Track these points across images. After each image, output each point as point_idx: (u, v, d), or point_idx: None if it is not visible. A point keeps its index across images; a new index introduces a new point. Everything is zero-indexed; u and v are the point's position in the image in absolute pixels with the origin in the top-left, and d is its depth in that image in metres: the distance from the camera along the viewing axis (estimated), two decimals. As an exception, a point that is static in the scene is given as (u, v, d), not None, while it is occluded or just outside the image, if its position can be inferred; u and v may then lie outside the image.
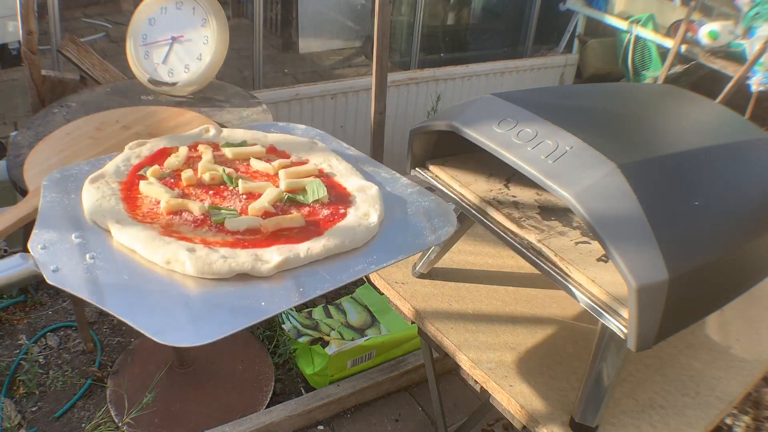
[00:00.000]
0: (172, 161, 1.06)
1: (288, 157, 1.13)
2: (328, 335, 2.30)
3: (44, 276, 0.83)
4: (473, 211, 1.18)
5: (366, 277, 1.39)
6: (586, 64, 3.92)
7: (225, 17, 1.75)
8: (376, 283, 1.37)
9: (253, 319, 0.78)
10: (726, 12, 3.37)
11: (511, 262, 1.46)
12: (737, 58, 3.12)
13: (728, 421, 2.11)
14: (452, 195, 1.23)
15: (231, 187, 1.02)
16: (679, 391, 1.16)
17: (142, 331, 0.75)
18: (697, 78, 3.58)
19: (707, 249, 0.95)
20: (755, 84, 3.02)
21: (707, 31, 3.17)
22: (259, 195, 1.00)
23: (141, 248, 0.87)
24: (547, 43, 3.99)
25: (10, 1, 2.28)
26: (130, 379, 2.15)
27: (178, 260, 0.84)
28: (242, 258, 0.84)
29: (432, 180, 1.28)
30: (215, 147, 1.14)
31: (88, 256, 0.86)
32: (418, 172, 1.31)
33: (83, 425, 2.01)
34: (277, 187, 1.02)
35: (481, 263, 1.46)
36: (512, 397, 1.11)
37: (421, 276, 1.39)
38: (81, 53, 2.06)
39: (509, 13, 4.06)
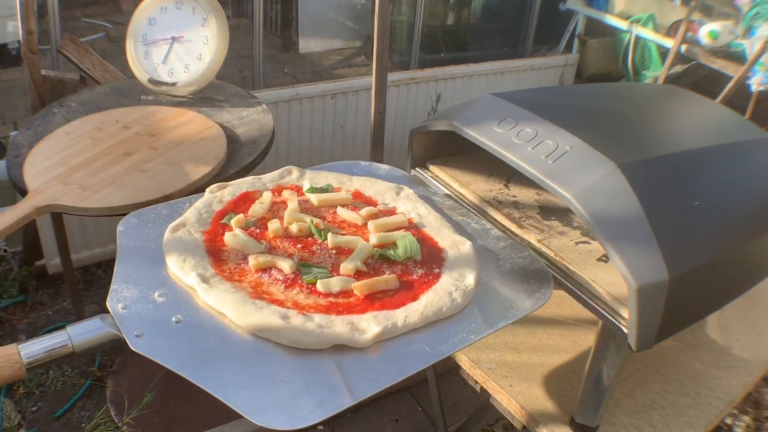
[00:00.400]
0: (256, 209, 1.01)
1: (375, 204, 1.08)
2: (328, 335, 2.30)
3: (127, 341, 0.79)
4: (473, 211, 1.18)
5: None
6: (586, 64, 3.92)
7: (225, 17, 1.75)
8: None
9: (356, 398, 0.74)
10: (726, 12, 3.37)
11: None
12: (737, 58, 3.12)
13: (728, 421, 2.11)
14: (452, 195, 1.23)
15: (320, 241, 0.96)
16: (679, 391, 1.16)
17: (237, 410, 0.72)
18: (697, 78, 3.57)
19: (707, 249, 0.95)
20: (755, 84, 3.02)
21: (707, 31, 3.17)
22: (349, 249, 0.95)
23: (231, 313, 0.82)
24: (547, 43, 3.99)
25: (10, 1, 2.28)
26: (130, 379, 2.15)
27: (271, 329, 0.79)
28: (338, 328, 0.79)
29: (432, 180, 1.28)
30: (299, 191, 1.09)
31: (173, 319, 0.82)
32: (418, 172, 1.31)
33: (83, 425, 2.01)
34: (367, 238, 0.97)
35: (481, 263, 1.46)
36: (512, 397, 1.11)
37: (421, 276, 1.38)
38: (81, 53, 2.06)
39: (509, 13, 4.06)
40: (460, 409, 2.20)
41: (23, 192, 1.34)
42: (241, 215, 0.99)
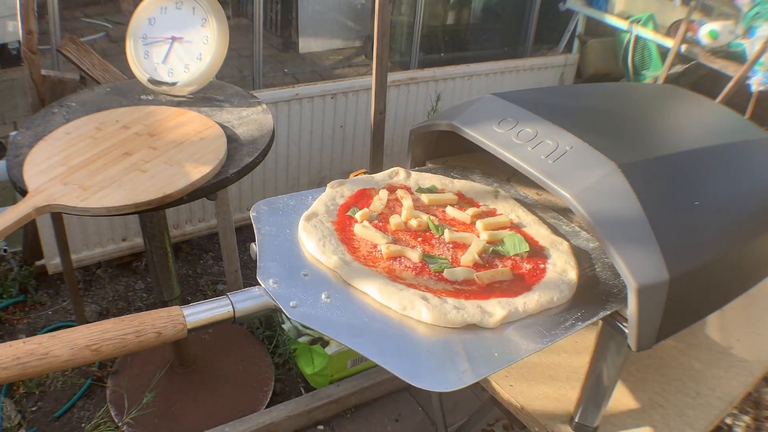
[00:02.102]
0: (377, 205, 1.10)
1: (477, 205, 1.18)
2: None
3: (284, 310, 0.86)
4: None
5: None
6: (586, 64, 3.92)
7: (225, 17, 1.75)
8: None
9: (491, 369, 0.82)
10: (726, 12, 3.37)
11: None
12: (737, 58, 3.12)
13: (728, 421, 2.11)
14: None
15: (437, 235, 1.06)
16: (679, 391, 1.16)
17: (396, 374, 0.78)
18: (697, 78, 3.57)
19: (707, 249, 0.95)
20: (755, 84, 3.01)
21: (707, 30, 3.17)
22: (464, 245, 1.04)
23: (375, 293, 0.90)
24: (547, 42, 3.99)
25: (10, 1, 2.28)
26: (130, 379, 2.15)
27: (414, 308, 0.88)
28: (471, 310, 0.89)
29: (432, 180, 1.28)
30: (408, 190, 1.18)
31: (323, 295, 0.89)
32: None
33: (83, 425, 2.01)
34: (477, 235, 1.07)
35: (481, 263, 1.46)
36: (512, 397, 1.11)
37: (421, 276, 1.38)
38: (81, 53, 2.06)
39: (509, 13, 4.06)
40: (460, 409, 2.20)
41: (23, 192, 1.34)
42: (365, 209, 1.08)
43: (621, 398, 1.12)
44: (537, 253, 1.05)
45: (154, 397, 2.04)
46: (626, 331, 0.91)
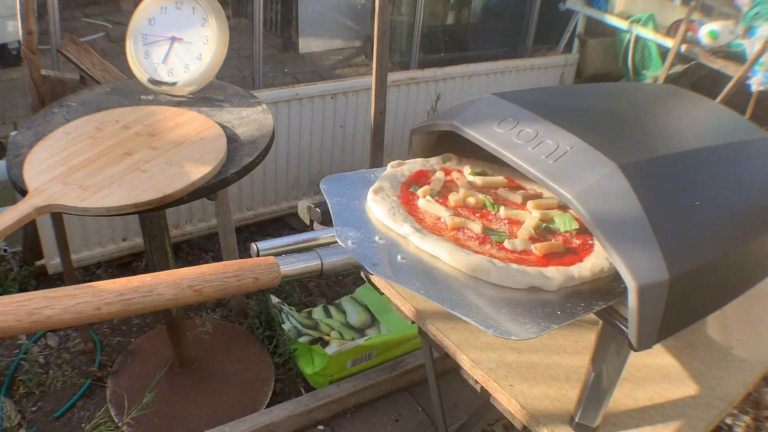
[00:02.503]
0: (436, 183, 1.18)
1: (526, 189, 1.25)
2: (328, 335, 2.30)
3: (365, 267, 0.94)
4: None
5: (366, 276, 1.39)
6: (586, 64, 3.92)
7: (225, 17, 1.75)
8: (376, 283, 1.37)
9: (557, 322, 0.89)
10: (726, 12, 3.37)
11: (511, 262, 1.46)
12: (737, 58, 3.12)
13: (728, 421, 2.12)
14: None
15: (493, 212, 1.14)
16: (679, 391, 1.16)
17: (475, 325, 0.85)
18: (697, 78, 3.57)
19: (707, 249, 0.95)
20: (755, 84, 3.01)
21: (707, 30, 3.17)
22: (518, 221, 1.12)
23: (446, 256, 0.98)
24: (547, 42, 3.99)
25: (10, 1, 2.28)
26: (129, 379, 2.16)
27: (483, 269, 0.96)
28: (533, 274, 0.96)
29: (432, 180, 1.28)
30: (461, 173, 1.26)
31: (399, 256, 0.97)
32: (418, 172, 1.31)
33: (83, 425, 2.01)
34: (529, 213, 1.15)
35: (481, 263, 1.46)
36: (512, 397, 1.11)
37: (421, 276, 1.38)
38: (81, 53, 2.06)
39: (509, 13, 4.06)
40: (460, 409, 2.20)
41: (23, 192, 1.34)
42: (426, 186, 1.16)
43: (621, 398, 1.12)
44: (585, 230, 1.10)
45: (154, 397, 2.04)
46: (626, 331, 0.91)
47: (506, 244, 1.03)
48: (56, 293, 0.79)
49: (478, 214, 1.12)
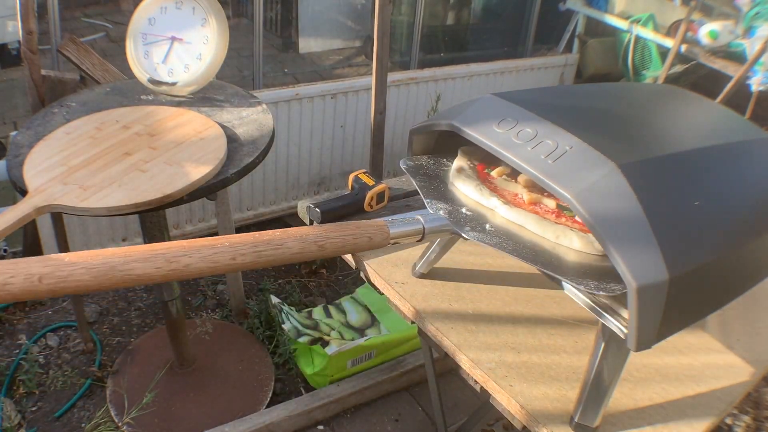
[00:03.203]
0: (505, 167, 1.23)
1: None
2: (328, 335, 2.30)
3: (460, 232, 1.03)
4: None
5: (366, 276, 1.39)
6: (586, 64, 3.92)
7: (225, 17, 1.75)
8: (376, 283, 1.37)
9: None
10: (726, 12, 3.37)
11: (511, 262, 1.46)
12: (737, 57, 3.12)
13: (728, 421, 2.11)
14: None
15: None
16: (679, 391, 1.16)
17: (569, 283, 0.94)
18: (697, 78, 3.57)
19: (707, 249, 0.95)
20: (755, 84, 3.01)
21: (707, 30, 3.17)
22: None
23: (532, 225, 1.06)
24: (547, 42, 3.99)
25: (10, 1, 2.28)
26: (129, 379, 2.16)
27: (566, 236, 1.03)
28: None
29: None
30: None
31: (487, 225, 1.06)
32: (418, 171, 1.31)
33: (83, 425, 2.01)
34: None
35: (481, 263, 1.46)
36: (512, 397, 1.10)
37: (421, 276, 1.38)
38: (81, 53, 2.06)
39: (509, 13, 4.06)
40: (460, 409, 2.20)
41: (23, 192, 1.34)
42: (500, 167, 1.22)
43: (621, 398, 1.12)
44: None
45: (154, 397, 2.04)
46: (626, 331, 0.91)
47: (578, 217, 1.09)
48: (193, 243, 0.83)
49: (546, 192, 1.16)
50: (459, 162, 1.24)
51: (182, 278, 0.82)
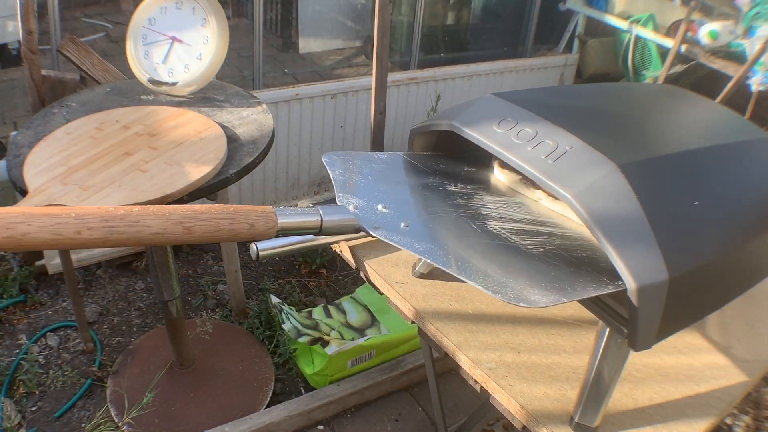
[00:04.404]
0: None
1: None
2: (328, 335, 2.30)
3: (366, 228, 0.95)
4: None
5: (366, 276, 1.39)
6: (586, 64, 3.92)
7: (225, 17, 1.75)
8: (376, 283, 1.37)
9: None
10: (726, 12, 3.37)
11: (511, 262, 1.46)
12: (737, 58, 3.12)
13: (728, 421, 2.11)
14: None
15: None
16: (679, 391, 1.16)
17: (470, 283, 0.87)
18: (697, 78, 3.58)
19: (707, 249, 0.95)
20: (755, 84, 3.02)
21: (707, 31, 3.17)
22: None
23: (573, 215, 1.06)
24: (547, 43, 3.99)
25: (10, 1, 2.28)
26: (130, 379, 2.15)
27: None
28: None
29: (432, 180, 1.28)
30: None
31: (402, 224, 1.00)
32: (418, 172, 1.31)
33: (83, 425, 2.01)
34: None
35: (481, 263, 1.46)
36: (512, 397, 1.10)
37: (421, 276, 1.39)
38: (81, 53, 2.06)
39: (509, 13, 4.06)
40: (460, 409, 2.20)
41: (23, 192, 1.34)
42: None
43: (621, 398, 1.12)
44: None
45: (154, 397, 2.04)
46: (626, 331, 0.91)
47: None
48: (36, 211, 0.72)
49: None
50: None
51: (20, 249, 0.73)
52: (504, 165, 1.21)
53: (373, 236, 0.94)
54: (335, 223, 0.94)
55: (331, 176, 1.10)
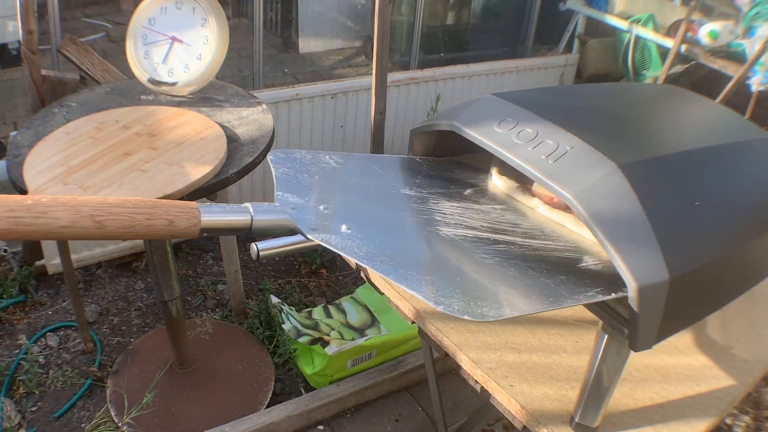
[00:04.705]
0: None
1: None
2: (328, 335, 2.30)
3: (301, 230, 0.88)
4: None
5: (366, 276, 1.39)
6: (586, 64, 3.92)
7: (225, 17, 1.75)
8: (376, 283, 1.37)
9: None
10: (726, 12, 3.37)
11: (511, 262, 1.46)
12: (737, 58, 3.12)
13: (728, 421, 2.11)
14: None
15: None
16: (679, 391, 1.16)
17: (412, 293, 0.82)
18: (697, 78, 3.58)
19: (708, 249, 0.95)
20: (755, 84, 3.02)
21: (707, 31, 3.17)
22: None
23: (570, 224, 1.07)
24: (547, 43, 3.99)
25: (10, 1, 2.28)
26: (130, 379, 2.15)
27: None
28: None
29: (432, 180, 1.28)
30: None
31: (344, 226, 0.94)
32: (418, 172, 1.31)
33: (83, 425, 2.01)
34: None
35: (481, 263, 1.46)
36: (512, 397, 1.11)
37: (421, 276, 1.38)
38: (81, 53, 2.06)
39: (509, 13, 4.06)
40: (460, 409, 2.20)
41: (23, 192, 1.34)
42: None
43: (621, 398, 1.12)
44: None
45: (154, 397, 2.04)
46: (626, 331, 0.91)
47: None
48: None
49: None
50: (497, 164, 1.25)
51: None
52: (502, 171, 1.20)
53: (308, 239, 0.89)
54: (267, 224, 0.88)
55: (273, 174, 1.03)
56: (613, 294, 0.89)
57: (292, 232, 0.89)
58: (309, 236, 0.88)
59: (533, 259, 0.98)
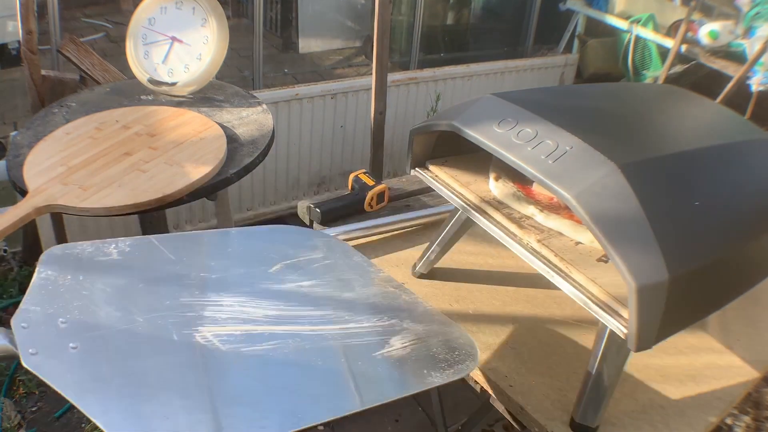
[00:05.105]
0: None
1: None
2: (328, 335, 2.30)
3: (20, 356, 0.79)
4: (473, 212, 1.18)
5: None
6: (586, 64, 3.92)
7: (225, 17, 1.75)
8: (376, 283, 1.37)
9: None
10: (726, 12, 3.37)
11: (511, 262, 1.46)
12: (737, 58, 3.12)
13: (728, 421, 2.11)
14: (452, 195, 1.22)
15: None
16: (679, 391, 1.16)
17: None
18: (697, 78, 3.57)
19: (708, 249, 0.95)
20: (755, 84, 3.01)
21: (707, 31, 3.17)
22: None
23: (568, 231, 1.08)
24: (547, 43, 3.99)
25: (10, 1, 2.28)
26: (130, 379, 2.15)
27: None
28: None
29: (432, 180, 1.28)
30: None
31: (71, 344, 0.83)
32: (418, 172, 1.31)
33: (83, 425, 2.01)
34: None
35: (481, 263, 1.46)
36: (512, 397, 1.11)
37: (421, 276, 1.39)
38: (81, 53, 2.06)
39: (509, 13, 4.06)
40: (460, 409, 2.20)
41: (23, 192, 1.34)
42: None
43: (621, 398, 1.12)
44: None
45: (154, 397, 2.04)
46: (626, 331, 0.91)
47: None
48: None
49: None
50: (495, 170, 1.23)
51: None
52: (499, 177, 1.19)
53: (26, 367, 0.77)
54: None
55: (33, 279, 0.92)
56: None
57: (14, 357, 0.80)
58: (25, 364, 0.77)
59: (315, 352, 0.90)
